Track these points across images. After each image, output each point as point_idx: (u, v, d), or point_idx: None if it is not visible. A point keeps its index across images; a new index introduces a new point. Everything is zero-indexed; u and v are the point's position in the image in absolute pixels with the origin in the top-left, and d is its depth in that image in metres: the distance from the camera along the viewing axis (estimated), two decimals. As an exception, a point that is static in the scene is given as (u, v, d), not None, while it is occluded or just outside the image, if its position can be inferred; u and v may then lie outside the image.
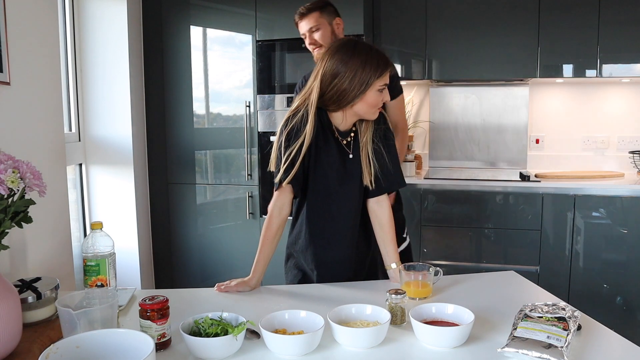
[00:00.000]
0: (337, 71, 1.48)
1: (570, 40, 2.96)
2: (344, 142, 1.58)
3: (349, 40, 1.53)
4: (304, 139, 1.52)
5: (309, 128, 1.52)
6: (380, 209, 1.59)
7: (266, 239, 1.58)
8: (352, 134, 1.59)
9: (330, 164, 1.57)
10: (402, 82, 3.42)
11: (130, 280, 2.92)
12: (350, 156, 1.58)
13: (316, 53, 2.16)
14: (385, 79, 1.51)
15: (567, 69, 3.02)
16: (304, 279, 1.68)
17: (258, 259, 1.58)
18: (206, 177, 3.18)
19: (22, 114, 1.57)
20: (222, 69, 3.09)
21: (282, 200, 1.59)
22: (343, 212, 1.60)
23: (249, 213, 3.13)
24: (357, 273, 1.65)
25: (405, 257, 2.06)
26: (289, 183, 1.55)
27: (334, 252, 1.62)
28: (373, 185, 1.56)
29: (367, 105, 1.52)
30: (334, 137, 1.58)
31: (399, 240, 1.79)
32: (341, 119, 1.57)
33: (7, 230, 1.09)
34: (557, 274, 2.85)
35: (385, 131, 1.60)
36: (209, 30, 3.10)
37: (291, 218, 1.67)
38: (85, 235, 2.82)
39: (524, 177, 2.95)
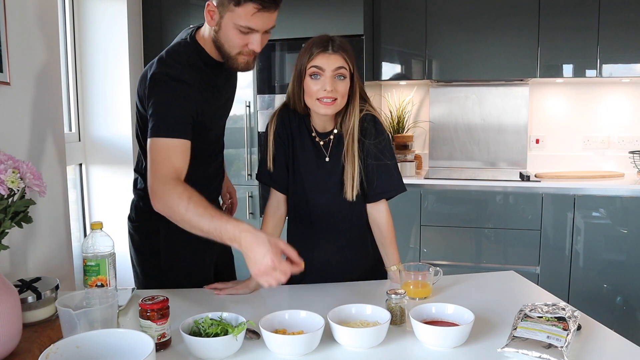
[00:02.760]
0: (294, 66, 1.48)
1: (570, 40, 2.96)
2: (322, 142, 1.55)
3: None
4: (268, 137, 1.55)
5: (271, 126, 1.55)
6: (378, 213, 1.57)
7: None
8: (332, 136, 1.54)
9: (306, 165, 1.55)
10: (402, 82, 3.44)
11: (130, 280, 2.91)
12: (327, 159, 1.54)
13: (246, 62, 1.47)
14: (317, 61, 1.42)
15: (567, 69, 3.02)
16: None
17: None
18: (206, 177, 3.18)
19: (22, 114, 1.57)
20: (222, 69, 3.09)
21: (275, 199, 1.60)
22: (322, 215, 1.57)
23: (249, 213, 3.13)
24: (353, 277, 1.61)
25: None
26: (261, 180, 1.59)
27: (317, 256, 1.59)
28: (357, 191, 1.50)
29: (308, 96, 1.46)
30: (310, 138, 1.55)
31: None
32: (316, 119, 1.54)
33: (7, 230, 1.09)
34: (557, 274, 2.85)
35: (383, 142, 1.52)
36: (209, 30, 3.10)
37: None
38: (85, 235, 2.82)
39: (524, 177, 2.95)
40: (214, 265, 1.72)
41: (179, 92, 1.40)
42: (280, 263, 1.15)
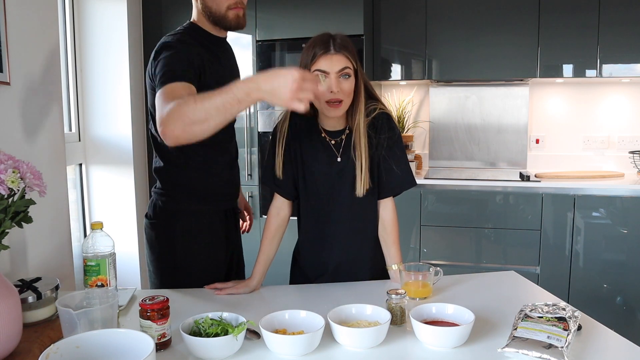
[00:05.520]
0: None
1: (570, 40, 2.96)
2: (333, 142, 1.54)
3: None
4: (277, 138, 1.54)
5: (283, 128, 1.54)
6: (383, 210, 1.58)
7: (265, 240, 1.59)
8: (344, 135, 1.53)
9: (317, 166, 1.55)
10: (402, 82, 3.44)
11: (130, 280, 2.92)
12: (339, 159, 1.53)
13: (236, 15, 1.59)
14: (320, 64, 1.40)
15: (567, 69, 3.02)
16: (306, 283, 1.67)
17: (258, 260, 1.58)
18: (206, 177, 3.18)
19: (22, 114, 1.57)
20: (222, 69, 3.09)
21: (279, 201, 1.60)
22: (336, 214, 1.56)
23: (249, 213, 3.13)
24: (365, 277, 1.61)
25: None
26: (266, 184, 1.58)
27: (329, 256, 1.59)
28: (368, 187, 1.49)
29: (315, 99, 1.43)
30: (320, 138, 1.54)
31: None
32: (325, 118, 1.53)
33: (7, 230, 1.09)
34: (557, 274, 2.85)
35: (390, 138, 1.53)
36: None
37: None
38: (85, 235, 2.82)
39: (523, 177, 2.95)
40: (227, 264, 1.74)
41: (180, 49, 1.50)
42: (304, 75, 1.13)
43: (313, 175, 1.55)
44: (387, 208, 1.58)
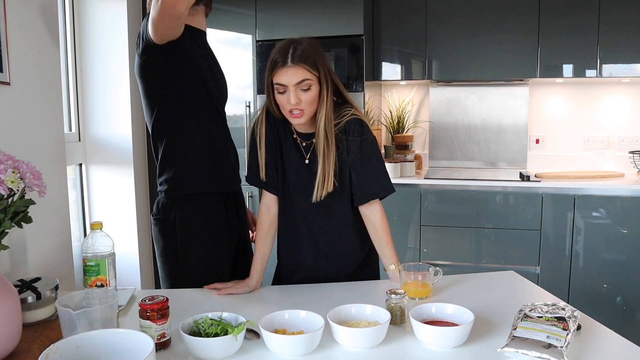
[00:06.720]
0: None
1: (570, 40, 2.96)
2: (304, 144, 1.56)
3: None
4: (257, 141, 1.55)
5: (261, 130, 1.55)
6: (371, 213, 1.57)
7: (259, 238, 1.60)
8: (314, 139, 1.53)
9: (290, 166, 1.56)
10: (402, 82, 3.44)
11: (130, 280, 2.92)
12: (307, 161, 1.55)
13: None
14: (279, 78, 1.41)
15: (567, 69, 3.02)
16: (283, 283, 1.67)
17: (255, 259, 1.59)
18: (206, 177, 3.17)
19: (22, 114, 1.57)
20: (222, 69, 3.09)
21: (268, 198, 1.61)
22: (306, 216, 1.57)
23: (249, 213, 3.13)
24: (342, 275, 1.61)
25: None
26: (251, 183, 1.59)
27: (306, 256, 1.61)
28: (331, 189, 1.48)
29: (281, 108, 1.47)
30: (293, 139, 1.56)
31: None
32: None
33: (7, 230, 1.09)
34: (557, 274, 2.85)
35: (362, 142, 1.51)
36: (209, 30, 3.09)
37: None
38: (85, 235, 2.82)
39: (523, 177, 2.95)
40: (231, 259, 1.75)
41: None
42: None
43: (286, 174, 1.57)
44: (374, 211, 1.57)
